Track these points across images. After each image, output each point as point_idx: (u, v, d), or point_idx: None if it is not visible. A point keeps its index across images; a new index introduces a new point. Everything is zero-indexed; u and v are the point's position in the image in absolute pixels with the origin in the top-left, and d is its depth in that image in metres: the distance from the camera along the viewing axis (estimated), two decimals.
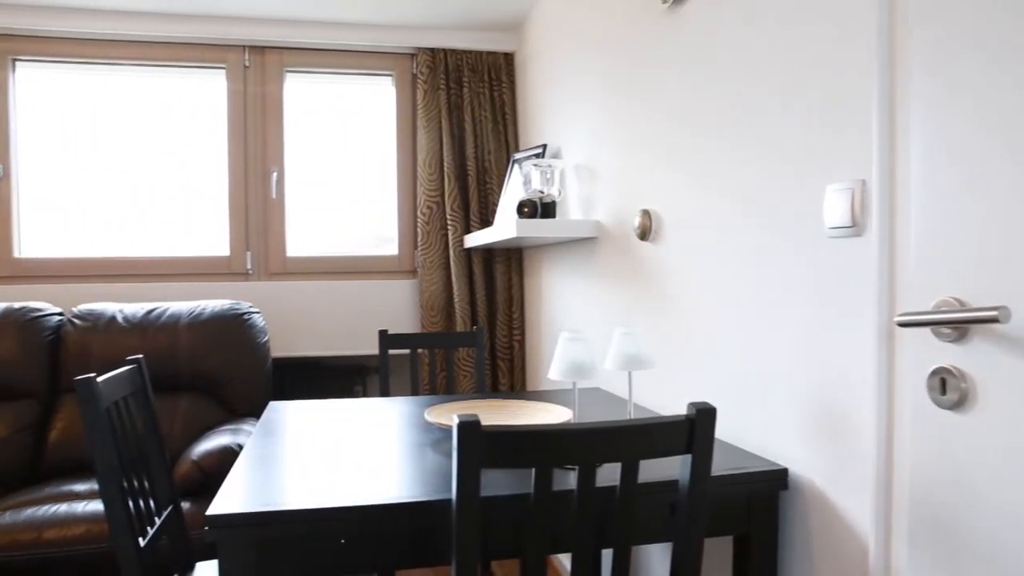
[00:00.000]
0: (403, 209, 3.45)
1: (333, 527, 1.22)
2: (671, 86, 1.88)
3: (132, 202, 3.28)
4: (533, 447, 1.04)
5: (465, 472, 1.01)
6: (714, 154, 1.67)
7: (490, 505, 1.25)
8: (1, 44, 3.13)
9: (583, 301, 2.60)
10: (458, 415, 1.01)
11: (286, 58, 3.35)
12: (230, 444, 2.29)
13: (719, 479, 1.36)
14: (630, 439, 1.08)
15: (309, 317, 3.29)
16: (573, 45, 2.65)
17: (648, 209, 2.03)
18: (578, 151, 2.62)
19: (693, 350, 1.79)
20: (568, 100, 2.72)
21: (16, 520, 2.12)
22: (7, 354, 2.67)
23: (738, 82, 1.56)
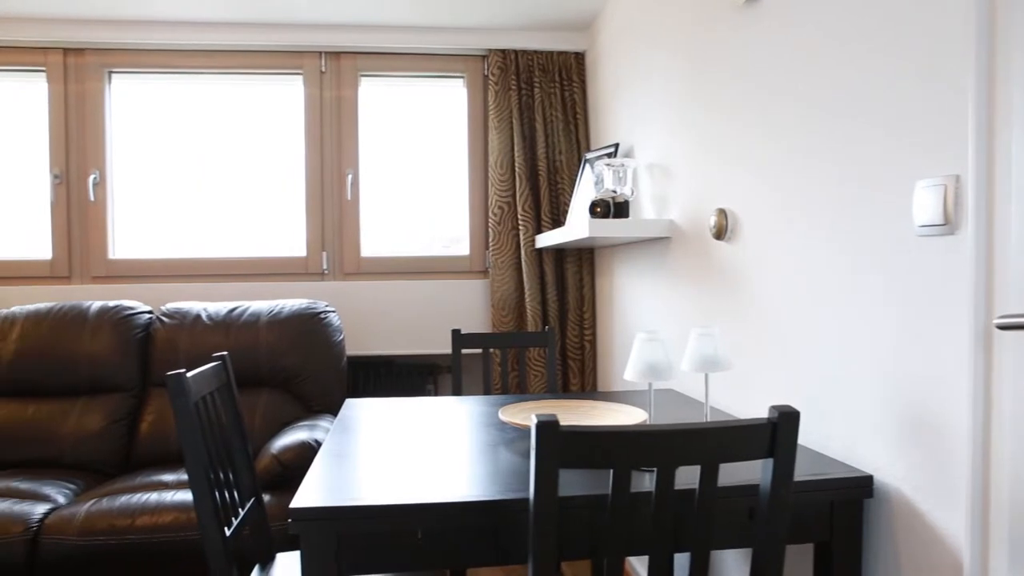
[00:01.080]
0: (474, 210, 3.48)
1: (410, 523, 1.24)
2: (747, 82, 1.84)
3: (215, 205, 3.41)
4: (612, 448, 1.03)
5: (543, 472, 1.01)
6: (794, 150, 1.62)
7: (565, 505, 1.25)
8: (99, 58, 3.31)
9: (656, 301, 2.56)
10: (536, 414, 1.01)
11: (361, 63, 3.43)
12: (307, 439, 2.36)
13: (800, 484, 1.32)
14: (711, 441, 1.06)
15: (382, 316, 3.35)
16: (645, 43, 2.62)
17: (724, 208, 1.99)
18: (651, 150, 2.59)
19: (771, 352, 1.74)
20: (640, 98, 2.69)
21: (112, 506, 2.23)
22: (103, 350, 2.82)
23: (817, 76, 1.51)
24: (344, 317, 3.34)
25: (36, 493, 2.38)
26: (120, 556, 2.16)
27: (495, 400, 2.22)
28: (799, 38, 1.60)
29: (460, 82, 3.53)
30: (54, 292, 3.26)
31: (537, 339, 2.71)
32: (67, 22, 3.21)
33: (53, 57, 3.30)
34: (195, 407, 1.54)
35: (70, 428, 2.71)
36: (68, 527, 2.18)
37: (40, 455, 2.67)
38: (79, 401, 2.80)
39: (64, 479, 2.53)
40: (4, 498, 2.30)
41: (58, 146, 3.30)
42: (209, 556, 1.52)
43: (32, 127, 3.34)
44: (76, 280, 3.32)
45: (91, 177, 3.31)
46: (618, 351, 3.05)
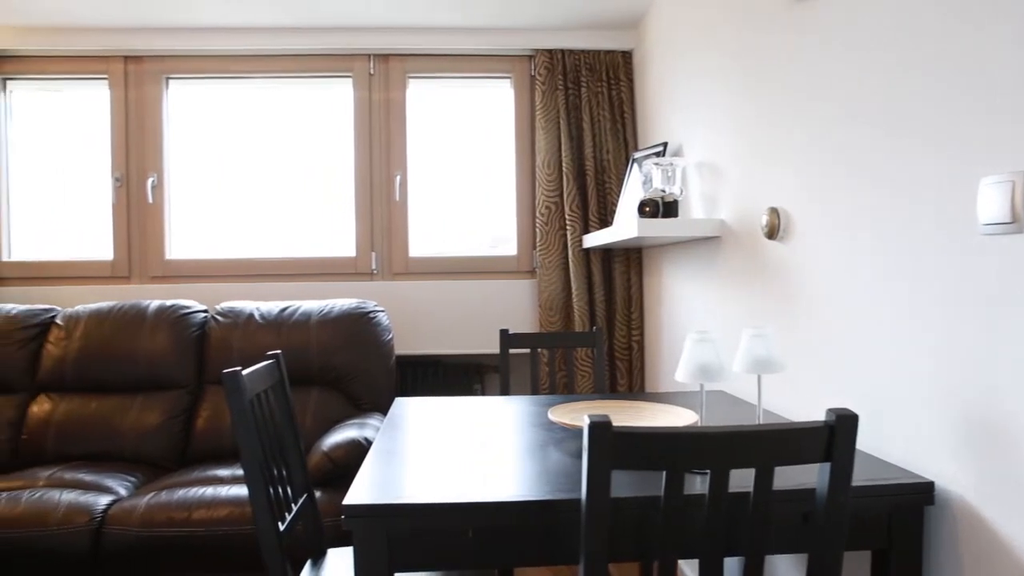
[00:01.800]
0: (522, 210, 3.49)
1: (460, 522, 1.25)
2: (800, 78, 1.80)
3: (267, 206, 3.49)
4: (666, 449, 1.02)
5: (595, 473, 1.01)
6: (848, 148, 1.59)
7: (615, 506, 1.24)
8: (157, 65, 3.41)
9: (705, 302, 2.53)
10: (589, 415, 1.01)
11: (409, 64, 3.46)
12: (357, 437, 2.39)
13: (858, 490, 1.29)
14: (767, 444, 1.04)
15: (430, 316, 3.38)
16: (694, 40, 2.58)
17: (776, 207, 1.96)
18: (700, 148, 2.56)
19: (826, 354, 1.70)
20: (689, 96, 2.66)
21: (170, 499, 2.30)
22: (161, 348, 2.90)
23: (873, 71, 1.48)
24: (392, 317, 3.38)
25: (99, 485, 2.46)
26: (178, 547, 2.22)
27: (543, 400, 2.22)
28: (852, 33, 1.56)
29: (507, 83, 3.54)
30: (115, 292, 3.37)
31: (585, 339, 2.70)
32: (128, 31, 3.31)
33: (115, 65, 3.41)
34: (250, 404, 1.58)
35: (130, 423, 2.80)
36: (129, 518, 2.25)
37: (102, 448, 2.76)
38: (138, 397, 2.88)
39: (125, 472, 2.61)
40: (71, 489, 2.38)
41: (119, 150, 3.41)
42: (264, 550, 1.56)
43: (96, 132, 3.46)
44: (135, 280, 3.43)
45: (149, 180, 3.41)
46: (666, 352, 3.03)
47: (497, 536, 1.27)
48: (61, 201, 3.49)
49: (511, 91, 3.52)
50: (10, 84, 3.45)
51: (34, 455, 2.78)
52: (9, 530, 2.20)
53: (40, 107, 3.49)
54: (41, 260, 3.43)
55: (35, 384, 2.94)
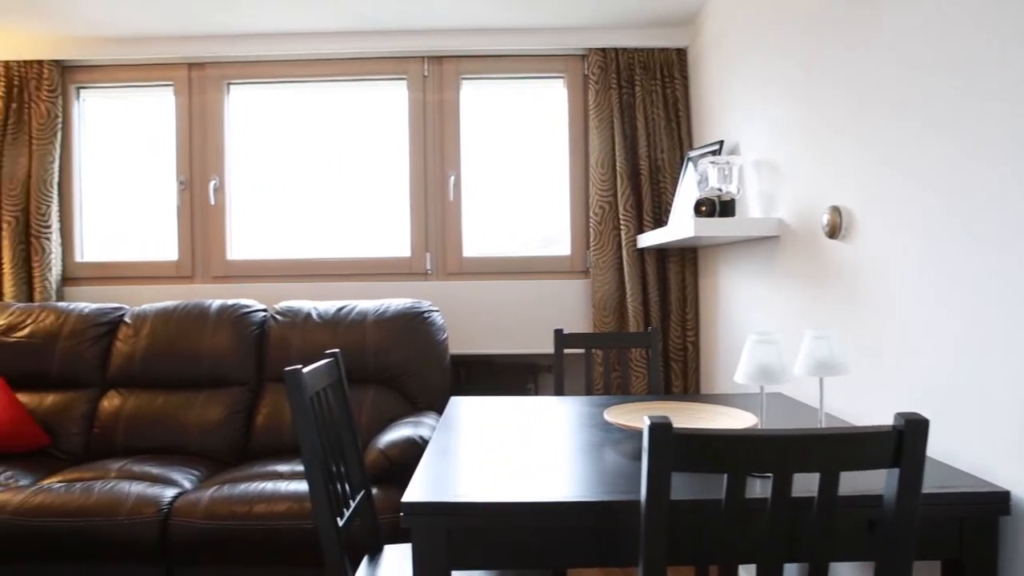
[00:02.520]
0: (575, 210, 3.48)
1: (517, 521, 1.25)
2: (865, 72, 1.75)
3: (324, 207, 3.55)
4: (728, 451, 1.01)
5: (655, 475, 1.00)
6: (915, 146, 1.54)
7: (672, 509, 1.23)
8: (219, 70, 3.51)
9: (763, 302, 2.49)
10: (648, 416, 1.00)
11: (462, 66, 3.49)
12: (413, 436, 2.42)
13: (928, 497, 1.25)
14: (832, 448, 1.02)
15: (484, 316, 3.40)
16: (751, 35, 2.54)
17: (838, 205, 1.91)
18: (758, 146, 2.51)
19: (890, 357, 1.65)
20: (746, 93, 2.61)
21: (232, 493, 2.36)
22: (223, 346, 2.99)
23: (944, 63, 1.43)
24: (447, 316, 3.41)
25: (165, 478, 2.55)
26: (239, 540, 2.28)
27: (597, 401, 2.21)
28: (923, 22, 1.51)
29: (560, 82, 3.53)
30: (179, 291, 3.48)
31: (640, 340, 2.68)
32: (191, 39, 3.42)
33: (179, 72, 3.52)
34: (310, 402, 1.61)
35: (194, 418, 2.89)
36: (194, 511, 2.32)
37: (168, 442, 2.86)
38: (201, 393, 2.97)
39: (189, 465, 2.69)
40: (139, 481, 2.47)
41: (183, 154, 3.52)
42: (324, 545, 1.58)
43: (161, 137, 3.58)
44: (198, 280, 3.53)
45: (211, 182, 3.51)
46: (722, 353, 2.98)
47: (554, 536, 1.27)
48: (129, 204, 3.62)
49: (564, 91, 3.51)
50: (83, 92, 3.59)
51: (105, 448, 2.89)
52: (83, 519, 2.29)
53: (109, 114, 3.63)
54: (110, 261, 3.56)
55: (105, 380, 3.06)
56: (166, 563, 2.33)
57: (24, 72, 3.43)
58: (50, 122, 3.40)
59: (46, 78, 3.41)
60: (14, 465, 2.68)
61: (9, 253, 3.36)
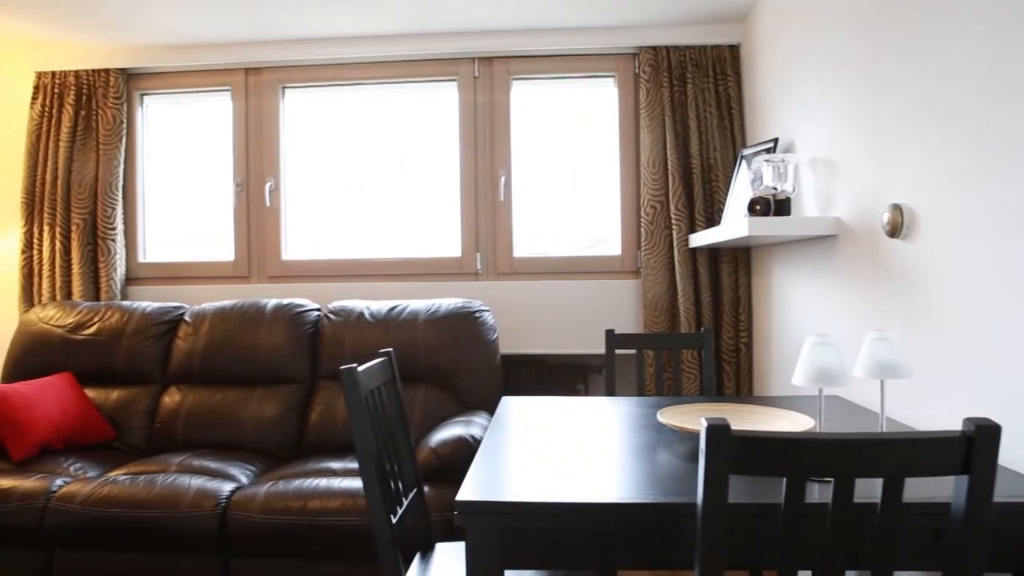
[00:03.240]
0: (626, 209, 3.45)
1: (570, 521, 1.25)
2: (927, 66, 1.70)
3: (377, 208, 3.60)
4: (788, 455, 0.99)
5: (713, 477, 0.99)
6: (982, 141, 1.48)
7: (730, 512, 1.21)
8: (275, 75, 3.59)
9: (819, 303, 2.43)
10: (706, 418, 0.99)
11: (512, 66, 3.49)
12: (464, 435, 2.43)
13: (997, 506, 1.20)
14: (898, 453, 0.99)
15: (534, 316, 3.40)
16: (808, 28, 2.48)
17: (899, 204, 1.85)
18: (814, 144, 2.46)
19: (954, 360, 1.60)
20: (802, 89, 2.55)
21: (287, 489, 2.41)
22: (279, 344, 3.05)
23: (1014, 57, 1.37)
24: (497, 316, 3.42)
25: (224, 472, 2.61)
26: (294, 535, 2.32)
27: (649, 401, 2.19)
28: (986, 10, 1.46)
29: (611, 81, 3.51)
30: (236, 291, 3.57)
31: (692, 340, 2.64)
32: (248, 44, 3.50)
33: (236, 77, 3.61)
34: (365, 400, 1.64)
35: (250, 415, 2.96)
36: (251, 505, 2.37)
37: (225, 438, 2.93)
38: (257, 390, 3.04)
39: (246, 461, 2.76)
40: (199, 475, 2.54)
41: (240, 157, 3.61)
42: (378, 542, 1.61)
43: (219, 141, 3.68)
44: (254, 279, 3.62)
45: (267, 184, 3.59)
46: (776, 355, 2.92)
47: (606, 537, 1.26)
48: (188, 206, 3.73)
49: (615, 89, 3.49)
50: (146, 99, 3.72)
51: (166, 442, 2.98)
52: (146, 510, 2.37)
53: (170, 119, 3.74)
54: (171, 261, 3.67)
55: (166, 376, 3.16)
56: (224, 555, 2.40)
57: (92, 81, 3.56)
58: (116, 128, 3.53)
59: (112, 86, 3.53)
60: (82, 457, 2.79)
61: (78, 254, 3.49)
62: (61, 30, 3.31)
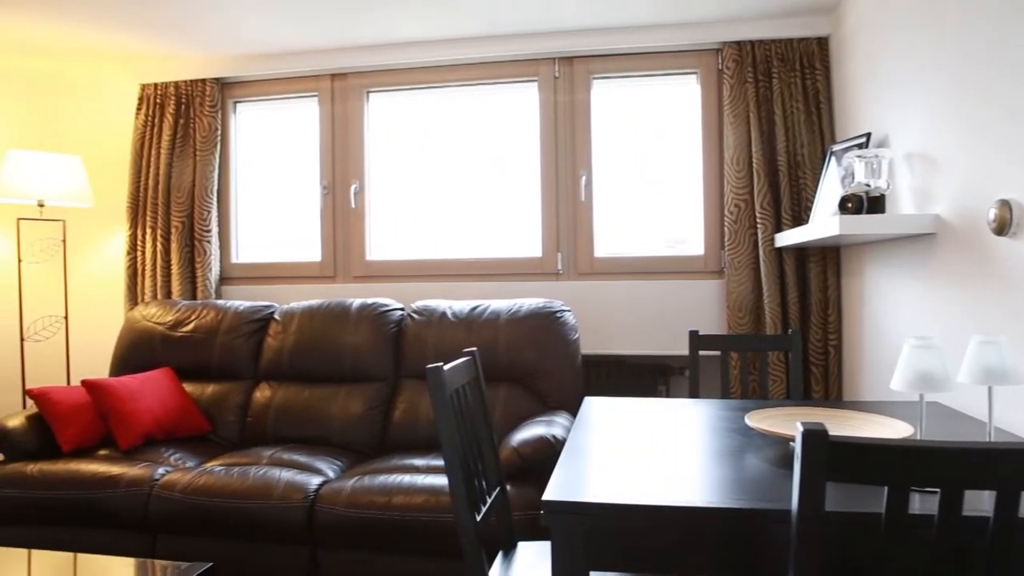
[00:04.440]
0: (709, 208, 3.39)
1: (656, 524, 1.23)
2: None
3: (458, 208, 3.65)
4: (891, 463, 0.95)
5: (809, 484, 0.96)
6: None
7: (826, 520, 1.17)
8: (359, 80, 3.69)
9: (916, 305, 2.32)
10: (802, 422, 0.96)
11: (593, 65, 3.48)
12: (545, 435, 2.44)
13: None
14: (1014, 464, 0.93)
15: (615, 316, 3.38)
16: (905, 16, 2.37)
17: (1008, 199, 1.75)
18: (911, 138, 2.35)
19: None
20: (898, 81, 2.45)
21: (372, 484, 2.47)
22: (364, 342, 3.13)
23: None
24: (578, 316, 3.41)
25: (311, 466, 2.70)
26: (379, 529, 2.38)
27: (734, 404, 2.14)
28: None
29: (693, 78, 3.45)
30: (322, 290, 3.68)
31: (779, 342, 2.57)
32: (334, 51, 3.61)
33: (323, 82, 3.73)
34: (450, 398, 1.66)
35: (336, 411, 3.04)
36: (337, 499, 2.44)
37: (313, 433, 3.03)
38: (343, 387, 3.13)
39: (332, 456, 2.84)
40: (288, 468, 2.64)
41: (327, 160, 3.73)
42: (462, 539, 1.63)
43: (306, 145, 3.81)
44: (340, 279, 3.72)
45: (352, 187, 3.69)
46: (868, 358, 2.81)
47: (693, 542, 1.24)
48: (277, 208, 3.87)
49: (697, 87, 3.43)
50: (239, 106, 3.88)
51: (257, 435, 3.10)
52: (239, 500, 2.48)
53: (260, 124, 3.89)
54: (261, 262, 3.82)
55: (258, 373, 3.29)
56: (311, 546, 2.48)
57: (190, 90, 3.74)
58: (211, 135, 3.69)
59: (208, 95, 3.70)
60: (181, 448, 2.93)
61: (177, 255, 3.68)
62: (162, 43, 3.49)
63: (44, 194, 3.46)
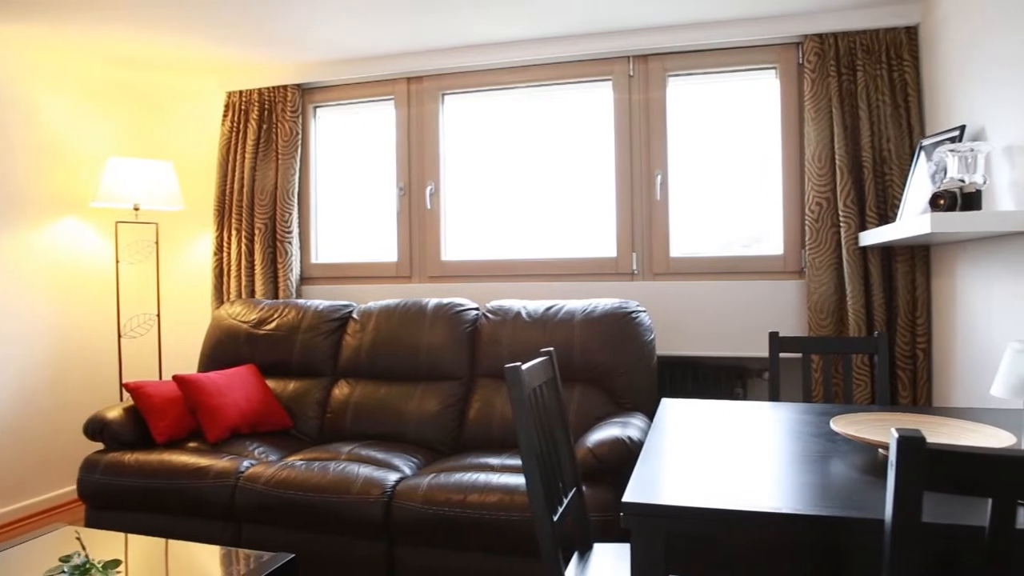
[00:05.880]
0: (788, 207, 3.29)
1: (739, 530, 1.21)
2: None
3: (531, 209, 3.66)
4: (996, 473, 0.90)
5: (905, 494, 0.92)
6: None
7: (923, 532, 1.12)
8: (436, 82, 3.74)
9: (1016, 306, 2.20)
10: (896, 428, 0.92)
11: (668, 63, 3.43)
12: (621, 436, 2.42)
13: None
14: None
15: (691, 317, 3.32)
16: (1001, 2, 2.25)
17: None
18: (1011, 130, 2.23)
19: None
20: (996, 71, 2.32)
21: (448, 481, 2.51)
22: (440, 342, 3.18)
23: None
24: (653, 317, 3.37)
25: (388, 463, 2.76)
26: (454, 526, 2.41)
27: (817, 408, 2.08)
28: None
29: (771, 73, 3.36)
30: (399, 290, 3.75)
31: (864, 345, 2.48)
32: (410, 55, 3.67)
33: (399, 86, 3.80)
34: (528, 398, 1.67)
35: (412, 409, 3.10)
36: (414, 495, 2.49)
37: (389, 430, 3.09)
38: (419, 386, 3.18)
39: (408, 453, 2.89)
40: (366, 464, 2.70)
41: (403, 162, 3.80)
42: (539, 538, 1.63)
43: (383, 148, 3.89)
44: (416, 279, 3.79)
45: (427, 188, 3.75)
46: (961, 363, 2.68)
47: (775, 549, 1.21)
48: (355, 210, 3.97)
49: (776, 82, 3.34)
50: (318, 111, 3.99)
51: (335, 431, 3.19)
52: (320, 494, 2.55)
53: (338, 128, 3.99)
54: (340, 262, 3.92)
55: (336, 370, 3.38)
56: (389, 541, 2.53)
57: (273, 97, 3.87)
58: (292, 139, 3.82)
59: (290, 101, 3.83)
60: (264, 442, 3.04)
61: (260, 256, 3.81)
62: (247, 52, 3.62)
63: (140, 198, 3.65)
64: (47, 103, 3.70)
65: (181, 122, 4.20)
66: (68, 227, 3.81)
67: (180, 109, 4.20)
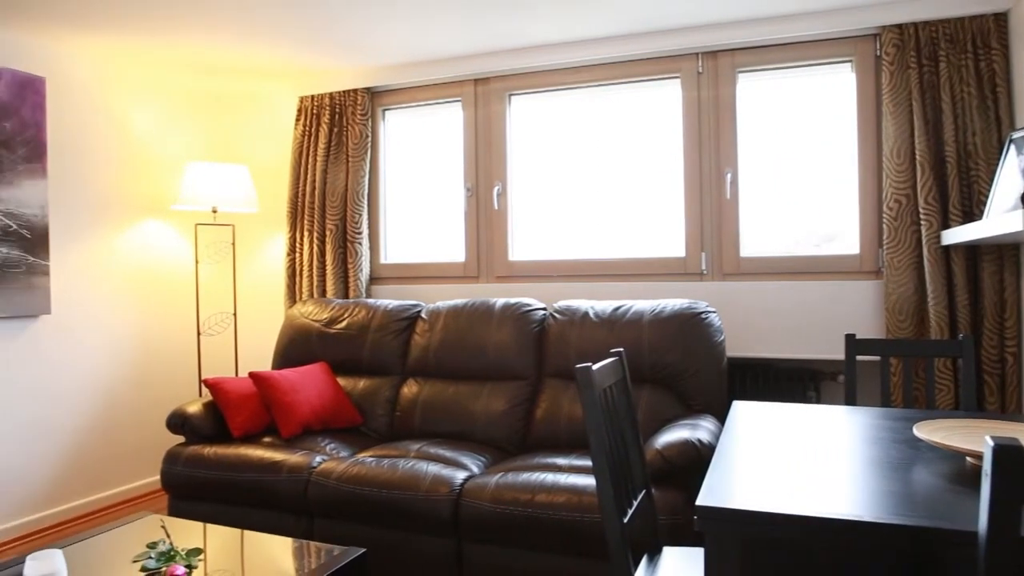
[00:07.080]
0: (865, 204, 3.19)
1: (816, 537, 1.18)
2: None
3: (599, 208, 3.64)
4: None
5: (1002, 506, 0.88)
6: None
7: None
8: (501, 83, 3.76)
9: None
10: (991, 436, 0.88)
11: (738, 59, 3.36)
12: (690, 438, 2.39)
13: None
14: None
15: (762, 318, 3.25)
16: None
17: None
18: None
19: None
20: None
21: (515, 481, 2.52)
22: (507, 341, 3.20)
23: None
24: (723, 318, 3.31)
25: (456, 461, 2.79)
26: (521, 526, 2.42)
27: (896, 414, 2.01)
28: None
29: (847, 67, 3.26)
30: (466, 290, 3.79)
31: (947, 348, 2.38)
32: (477, 56, 3.70)
33: (466, 87, 3.83)
34: (598, 398, 1.66)
35: (480, 408, 3.12)
36: (482, 494, 2.51)
37: (457, 429, 3.13)
38: (487, 385, 3.20)
39: (476, 452, 2.91)
40: (435, 462, 2.74)
41: (470, 163, 3.83)
42: (609, 540, 1.62)
43: (450, 148, 3.93)
44: (483, 279, 3.82)
45: (495, 188, 3.77)
46: None
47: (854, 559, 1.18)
48: (423, 210, 4.02)
49: (851, 75, 3.24)
50: (387, 114, 4.07)
51: (404, 429, 3.24)
52: (390, 491, 2.60)
53: (406, 130, 4.06)
54: (408, 262, 3.99)
55: (405, 369, 3.43)
56: (457, 538, 2.56)
57: (343, 100, 3.97)
58: (362, 142, 3.90)
59: (360, 104, 3.91)
60: (336, 438, 3.11)
61: (331, 256, 3.91)
62: (319, 58, 3.72)
63: (217, 201, 3.79)
64: (132, 110, 3.88)
65: (256, 127, 4.34)
66: (150, 229, 3.99)
67: (255, 114, 4.34)
